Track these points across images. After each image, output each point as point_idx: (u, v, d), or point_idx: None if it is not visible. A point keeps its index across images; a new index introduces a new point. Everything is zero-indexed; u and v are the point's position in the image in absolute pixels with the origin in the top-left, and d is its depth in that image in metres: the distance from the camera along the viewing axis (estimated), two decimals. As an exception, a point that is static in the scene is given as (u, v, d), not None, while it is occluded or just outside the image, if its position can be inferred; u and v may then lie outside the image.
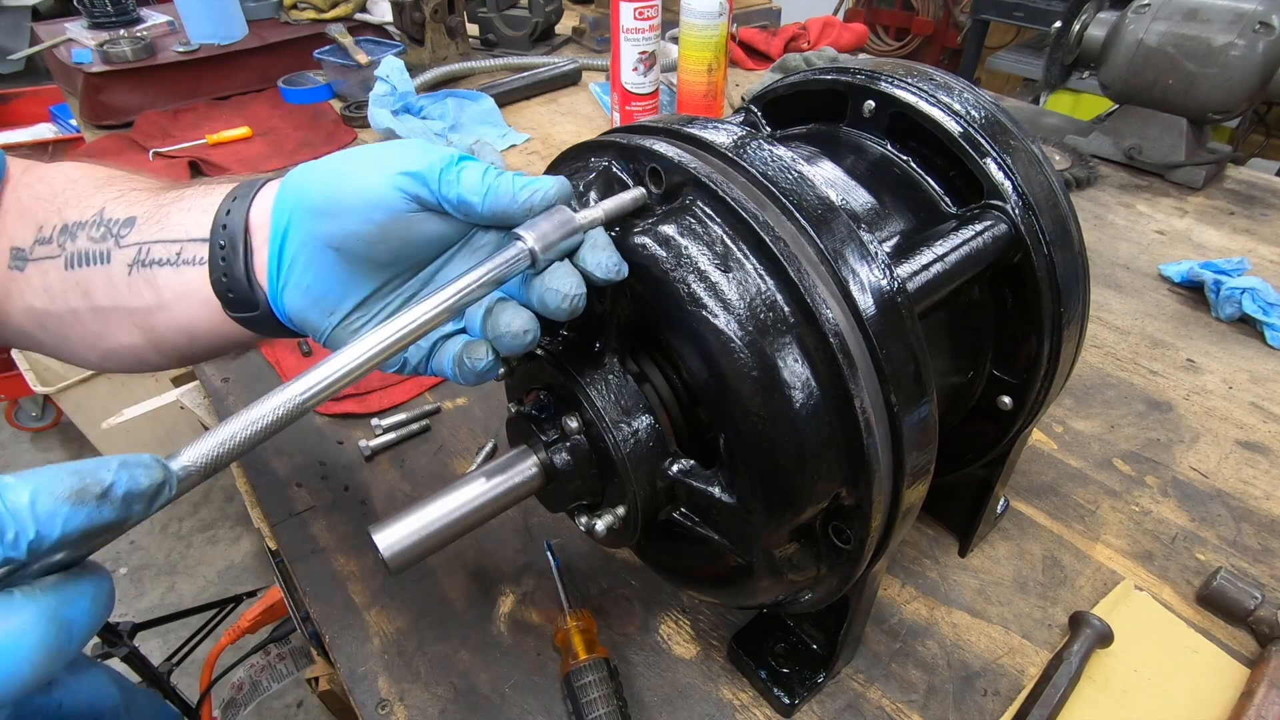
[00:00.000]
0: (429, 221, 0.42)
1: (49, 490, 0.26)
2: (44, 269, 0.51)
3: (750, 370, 0.37)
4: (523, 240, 0.38)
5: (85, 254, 0.49)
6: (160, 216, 0.49)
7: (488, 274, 0.38)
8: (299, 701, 1.81)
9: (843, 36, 1.73)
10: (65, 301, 0.50)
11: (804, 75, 0.58)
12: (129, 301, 0.49)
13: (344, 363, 0.35)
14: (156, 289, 0.48)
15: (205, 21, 1.53)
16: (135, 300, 0.48)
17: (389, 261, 0.43)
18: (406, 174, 0.40)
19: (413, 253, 0.43)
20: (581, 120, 1.52)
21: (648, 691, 0.59)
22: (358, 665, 0.60)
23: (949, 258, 0.46)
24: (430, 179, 0.40)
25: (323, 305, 0.44)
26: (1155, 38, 1.18)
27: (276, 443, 0.80)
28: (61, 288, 0.50)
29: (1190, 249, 1.13)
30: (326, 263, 0.43)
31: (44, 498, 0.26)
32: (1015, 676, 0.59)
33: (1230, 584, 0.63)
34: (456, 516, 0.43)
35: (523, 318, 0.40)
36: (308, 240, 0.42)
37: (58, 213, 0.51)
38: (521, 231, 0.39)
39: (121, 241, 0.49)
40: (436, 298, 0.38)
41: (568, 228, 0.39)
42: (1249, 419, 0.83)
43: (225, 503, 2.29)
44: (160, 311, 0.48)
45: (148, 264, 0.48)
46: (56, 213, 0.51)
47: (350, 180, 0.41)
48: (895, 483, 0.40)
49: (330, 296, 0.44)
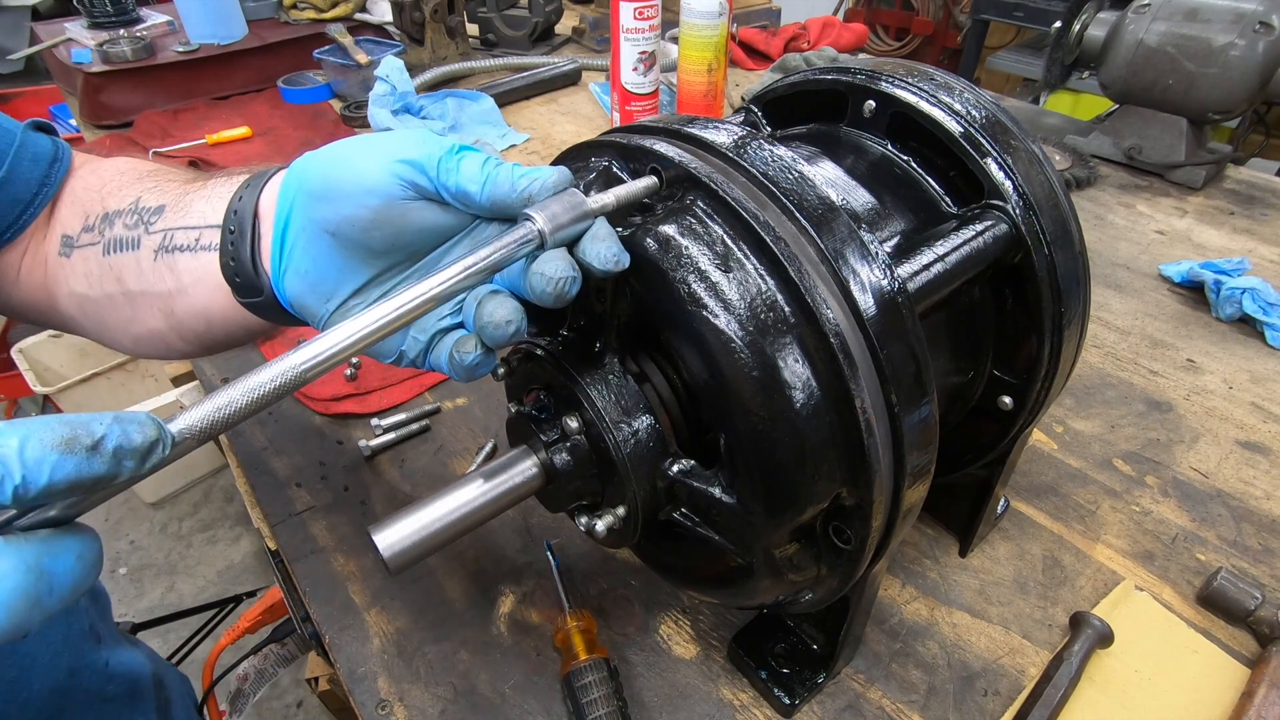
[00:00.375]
0: (427, 210, 0.42)
1: (38, 438, 0.26)
2: (86, 255, 0.53)
3: (751, 370, 0.37)
4: (533, 220, 0.38)
5: (120, 241, 0.51)
6: (185, 204, 0.51)
7: (493, 254, 0.38)
8: (299, 701, 1.81)
9: (843, 36, 1.74)
10: (102, 286, 0.53)
11: (804, 75, 0.58)
12: (154, 286, 0.50)
13: (344, 335, 0.35)
14: (177, 274, 0.49)
15: (205, 21, 1.53)
16: (159, 285, 0.50)
17: (385, 249, 0.43)
18: (405, 161, 0.40)
19: (410, 241, 0.43)
20: (581, 120, 1.52)
21: (648, 691, 0.59)
22: (358, 665, 0.60)
23: (949, 258, 0.46)
24: (429, 167, 0.40)
25: (320, 291, 0.44)
26: (1155, 38, 1.18)
27: (276, 443, 0.80)
28: (100, 273, 0.53)
29: (1190, 249, 1.13)
30: (323, 247, 0.43)
31: (33, 444, 0.26)
32: (1015, 677, 0.59)
33: (1230, 584, 0.63)
34: (456, 516, 0.43)
35: (507, 308, 0.40)
36: (306, 225, 0.43)
37: (101, 202, 0.54)
38: (532, 212, 0.38)
39: (150, 228, 0.51)
40: (439, 276, 0.37)
41: (579, 210, 0.39)
42: (1249, 419, 0.83)
43: (225, 503, 2.29)
44: (180, 296, 0.50)
45: (170, 250, 0.50)
46: (100, 202, 0.54)
47: (348, 166, 0.41)
48: (896, 483, 0.40)
49: (327, 281, 0.44)
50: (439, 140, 0.41)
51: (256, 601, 1.44)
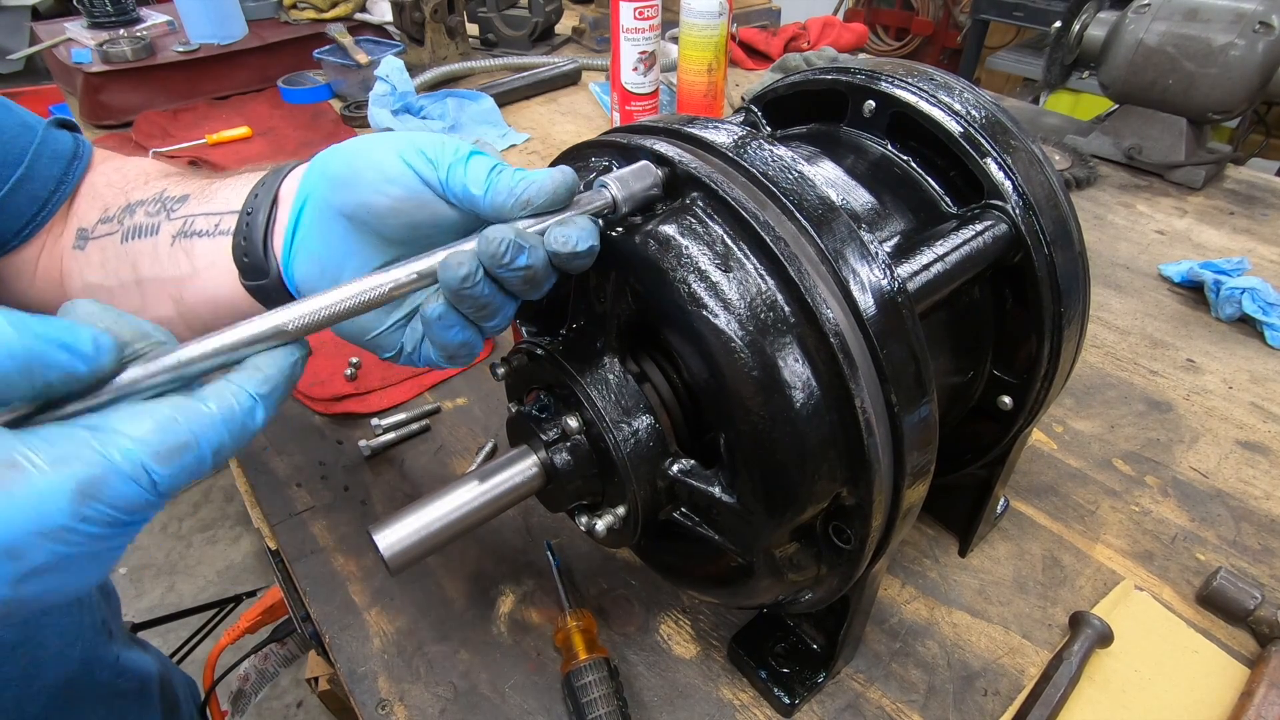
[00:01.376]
0: (440, 206, 0.42)
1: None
2: (103, 245, 0.54)
3: (751, 370, 0.37)
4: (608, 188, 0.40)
5: (140, 228, 0.53)
6: (210, 193, 0.52)
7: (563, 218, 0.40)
8: (299, 701, 1.81)
9: (843, 36, 1.74)
10: (116, 274, 0.54)
11: (804, 75, 0.58)
12: (167, 270, 0.51)
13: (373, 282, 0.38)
14: (192, 258, 0.50)
15: (205, 21, 1.53)
16: (172, 269, 0.51)
17: (398, 238, 0.44)
18: (422, 155, 0.42)
19: (423, 235, 0.44)
20: (581, 120, 1.52)
21: (648, 691, 0.59)
22: (358, 665, 0.60)
23: (949, 258, 0.46)
24: (440, 166, 0.41)
25: (328, 273, 0.45)
26: (1155, 38, 1.18)
27: (276, 443, 0.80)
28: (115, 262, 0.53)
29: (1190, 249, 1.13)
30: (338, 230, 0.44)
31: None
32: (1015, 676, 0.59)
33: (1230, 584, 0.63)
34: (456, 516, 0.43)
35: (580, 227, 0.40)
36: (323, 208, 0.44)
37: (124, 194, 0.56)
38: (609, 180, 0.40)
39: (172, 215, 0.52)
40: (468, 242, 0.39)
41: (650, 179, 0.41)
42: (1249, 419, 0.83)
43: (225, 503, 2.29)
44: (191, 280, 0.51)
45: (189, 235, 0.51)
46: (124, 194, 0.56)
47: (369, 155, 0.43)
48: (895, 483, 0.40)
49: (335, 264, 0.45)
50: (454, 142, 0.42)
51: (256, 601, 1.44)
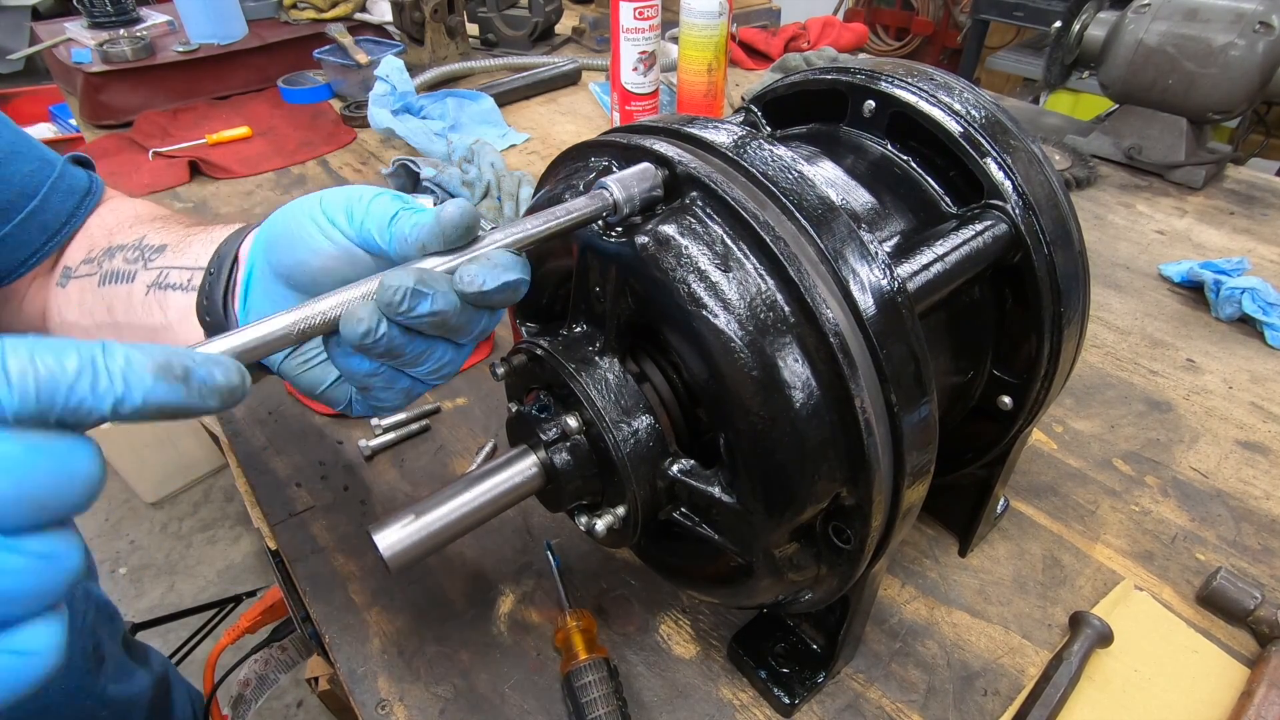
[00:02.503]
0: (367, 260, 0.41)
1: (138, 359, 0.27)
2: (82, 285, 0.55)
3: (750, 370, 0.37)
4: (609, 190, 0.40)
5: (116, 273, 0.53)
6: (185, 245, 0.52)
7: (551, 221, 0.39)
8: (299, 701, 1.81)
9: (843, 36, 1.74)
10: (92, 315, 0.54)
11: (804, 75, 0.58)
12: (143, 319, 0.51)
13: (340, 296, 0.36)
14: (166, 310, 0.51)
15: (205, 21, 1.53)
16: (147, 319, 0.51)
17: None
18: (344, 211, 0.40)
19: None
20: (581, 120, 1.52)
21: (648, 691, 0.59)
22: (358, 665, 0.60)
23: (949, 257, 0.46)
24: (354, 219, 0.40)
25: None
26: (1155, 38, 1.18)
27: (276, 443, 0.80)
28: (92, 303, 0.54)
29: (1190, 249, 1.13)
30: (279, 294, 0.44)
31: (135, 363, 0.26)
32: (1015, 676, 0.59)
33: (1230, 584, 0.63)
34: (456, 516, 0.43)
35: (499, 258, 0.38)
36: (265, 271, 0.45)
37: (109, 236, 0.56)
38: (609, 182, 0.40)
39: (149, 264, 0.52)
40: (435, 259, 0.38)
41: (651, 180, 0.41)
42: (1249, 419, 0.83)
43: (225, 503, 2.29)
44: (165, 332, 0.51)
45: (164, 286, 0.51)
46: (108, 237, 0.56)
47: (301, 215, 0.42)
48: (895, 483, 0.40)
49: None
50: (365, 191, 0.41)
51: (256, 601, 1.44)
